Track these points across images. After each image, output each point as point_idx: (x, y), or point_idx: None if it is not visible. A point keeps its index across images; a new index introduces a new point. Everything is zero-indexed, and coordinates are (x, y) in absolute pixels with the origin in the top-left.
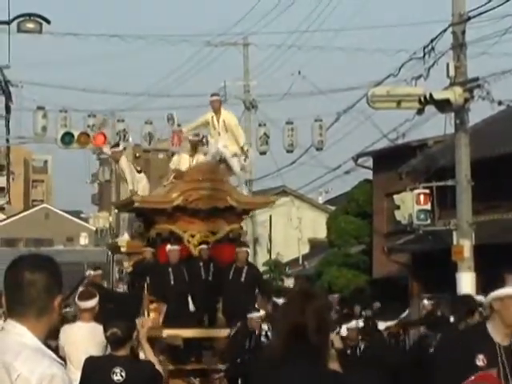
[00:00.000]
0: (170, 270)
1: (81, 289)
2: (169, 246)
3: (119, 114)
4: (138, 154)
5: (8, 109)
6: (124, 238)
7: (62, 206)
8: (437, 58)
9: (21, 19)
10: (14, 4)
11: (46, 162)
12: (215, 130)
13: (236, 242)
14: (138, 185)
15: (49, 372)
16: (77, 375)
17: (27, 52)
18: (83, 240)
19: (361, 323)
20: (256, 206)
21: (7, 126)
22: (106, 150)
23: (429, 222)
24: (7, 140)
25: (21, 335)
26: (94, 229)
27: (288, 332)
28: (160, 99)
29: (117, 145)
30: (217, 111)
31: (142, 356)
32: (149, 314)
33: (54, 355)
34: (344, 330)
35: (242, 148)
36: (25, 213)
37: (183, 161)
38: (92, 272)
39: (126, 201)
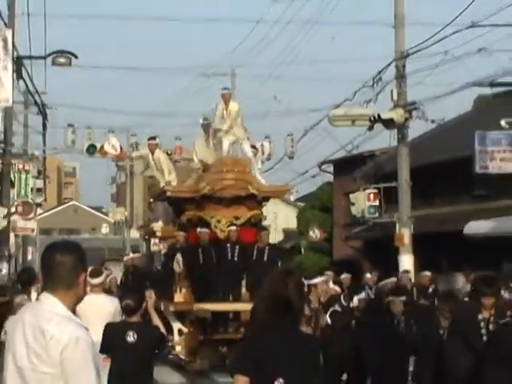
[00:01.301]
0: (199, 250)
1: (90, 268)
2: (199, 229)
3: (132, 129)
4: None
5: (44, 126)
6: (159, 224)
7: (87, 203)
8: (383, 86)
9: (54, 55)
10: (49, 40)
11: (74, 168)
12: (224, 118)
13: (257, 225)
14: (171, 176)
15: (75, 334)
16: (90, 332)
17: (60, 80)
18: (104, 230)
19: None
20: (274, 194)
21: (44, 140)
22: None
23: (377, 215)
24: (44, 151)
25: (52, 305)
26: (113, 221)
27: (273, 302)
28: (164, 118)
29: (153, 138)
30: (226, 102)
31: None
32: (181, 291)
33: (79, 321)
34: (355, 301)
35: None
36: (58, 208)
37: (201, 147)
38: (132, 254)
39: (159, 191)
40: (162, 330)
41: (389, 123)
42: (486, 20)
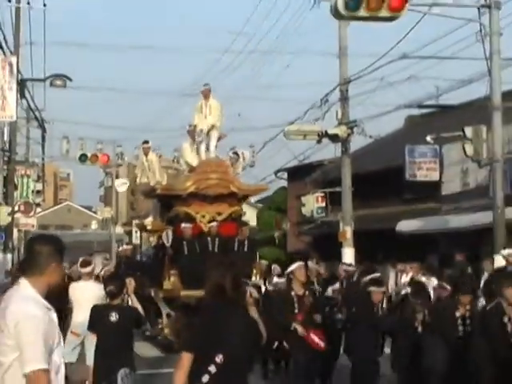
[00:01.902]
0: (184, 243)
1: (81, 258)
2: (183, 224)
3: (118, 141)
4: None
5: (43, 138)
6: (149, 220)
7: (79, 203)
8: (329, 106)
9: (52, 78)
10: (48, 64)
11: (68, 174)
12: (202, 113)
13: (237, 220)
14: (162, 176)
15: (30, 312)
16: (80, 313)
17: (57, 99)
18: (93, 226)
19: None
20: (253, 193)
21: (43, 149)
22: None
23: (324, 215)
24: (43, 159)
25: (24, 287)
26: (101, 218)
27: (214, 289)
28: (145, 132)
29: (146, 142)
30: (206, 97)
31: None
32: (169, 278)
33: (46, 303)
34: (330, 291)
35: (213, 126)
36: (54, 207)
37: (187, 151)
38: (125, 246)
39: (150, 189)
40: (140, 311)
41: (334, 138)
42: (415, 52)
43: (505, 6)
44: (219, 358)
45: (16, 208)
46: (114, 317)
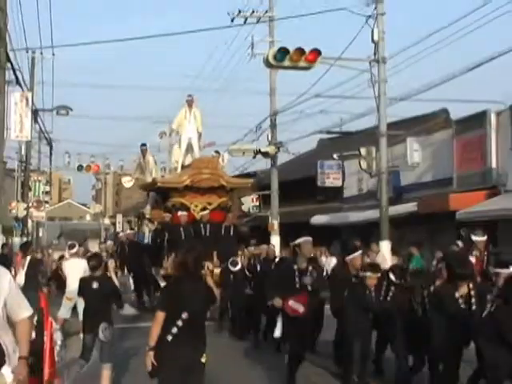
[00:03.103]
0: (181, 228)
1: (69, 242)
2: (179, 212)
3: (106, 155)
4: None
5: (51, 153)
6: (148, 209)
7: (77, 201)
8: (262, 131)
9: (57, 108)
10: (56, 97)
11: (69, 179)
12: (186, 119)
13: (225, 209)
14: (157, 174)
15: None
16: (71, 282)
17: (61, 123)
18: (87, 218)
19: None
20: (239, 186)
21: (50, 161)
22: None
23: (258, 211)
24: (50, 168)
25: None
26: (93, 212)
27: (180, 266)
28: (127, 148)
29: (144, 145)
30: (190, 105)
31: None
32: (168, 259)
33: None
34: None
35: (199, 132)
36: (58, 204)
37: (176, 151)
38: (128, 231)
39: (150, 183)
40: (116, 282)
41: (265, 154)
42: (325, 92)
43: (389, 62)
44: (184, 315)
45: (30, 204)
46: (95, 285)
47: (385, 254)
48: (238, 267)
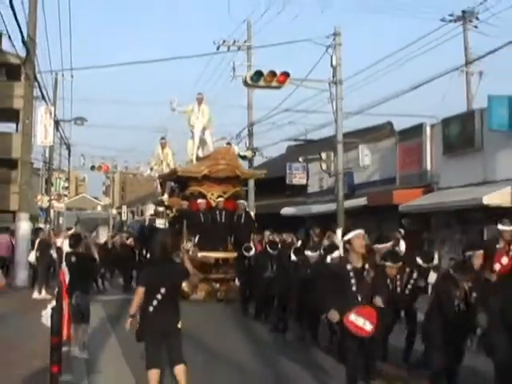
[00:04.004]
0: (200, 215)
1: (67, 226)
2: (199, 200)
3: (114, 157)
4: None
5: (69, 155)
6: (165, 197)
7: (90, 195)
8: (242, 138)
9: (75, 119)
10: (74, 110)
11: (84, 177)
12: (195, 115)
13: (237, 198)
14: (175, 165)
15: None
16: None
17: (78, 131)
18: (99, 208)
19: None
20: (252, 176)
21: (69, 162)
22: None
23: None
24: (69, 168)
25: None
26: (103, 204)
27: (160, 247)
28: (131, 152)
29: (163, 138)
30: (199, 103)
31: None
32: (187, 242)
33: None
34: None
35: (205, 127)
36: (75, 197)
37: (190, 145)
38: (150, 217)
39: (170, 172)
40: (96, 256)
41: (244, 157)
42: (293, 107)
43: (345, 83)
44: (163, 290)
45: (52, 197)
46: (73, 258)
47: (340, 238)
48: (252, 252)
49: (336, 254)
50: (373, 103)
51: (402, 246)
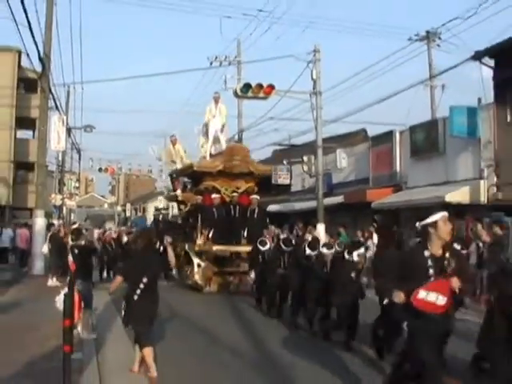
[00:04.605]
0: (214, 209)
1: (73, 221)
2: (214, 195)
3: (119, 161)
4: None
5: (79, 158)
6: (178, 192)
7: (98, 193)
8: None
9: (85, 127)
10: (84, 118)
11: (92, 178)
12: (211, 113)
13: (250, 194)
14: (187, 161)
15: None
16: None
17: (87, 138)
18: (105, 206)
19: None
20: (265, 173)
21: (79, 164)
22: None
23: None
24: (79, 170)
25: None
26: (109, 202)
27: (146, 241)
28: (134, 156)
29: (173, 135)
30: (216, 101)
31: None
32: (201, 236)
33: None
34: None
35: (223, 125)
36: (85, 196)
37: (201, 141)
38: (163, 211)
39: (184, 168)
40: (97, 247)
41: None
42: (278, 116)
43: (324, 94)
44: (145, 280)
45: (64, 196)
46: (76, 250)
47: (320, 232)
48: (267, 247)
49: (362, 250)
50: (349, 112)
51: (375, 238)
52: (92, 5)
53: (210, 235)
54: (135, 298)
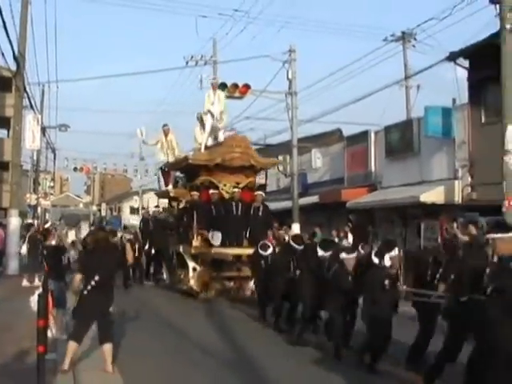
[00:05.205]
0: (212, 206)
1: (46, 220)
2: (211, 191)
3: (94, 160)
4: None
5: (54, 158)
6: (170, 188)
7: (73, 193)
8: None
9: (59, 126)
10: (59, 117)
11: (67, 178)
12: (210, 100)
13: (252, 189)
14: (180, 152)
15: None
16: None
17: (62, 137)
18: (81, 205)
19: None
20: (267, 166)
21: (54, 164)
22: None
23: None
24: (54, 169)
25: None
26: (84, 202)
27: (101, 239)
28: (109, 156)
29: (166, 125)
30: (214, 88)
31: None
32: (197, 237)
33: None
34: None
35: (222, 112)
36: (60, 196)
37: (198, 133)
38: (154, 209)
39: (177, 161)
40: (66, 246)
41: None
42: (254, 115)
43: (300, 94)
44: (97, 277)
45: (39, 195)
46: (45, 251)
47: (295, 232)
48: (270, 251)
49: (395, 252)
50: (324, 112)
51: (350, 238)
52: (72, 5)
53: (209, 236)
54: (85, 293)
